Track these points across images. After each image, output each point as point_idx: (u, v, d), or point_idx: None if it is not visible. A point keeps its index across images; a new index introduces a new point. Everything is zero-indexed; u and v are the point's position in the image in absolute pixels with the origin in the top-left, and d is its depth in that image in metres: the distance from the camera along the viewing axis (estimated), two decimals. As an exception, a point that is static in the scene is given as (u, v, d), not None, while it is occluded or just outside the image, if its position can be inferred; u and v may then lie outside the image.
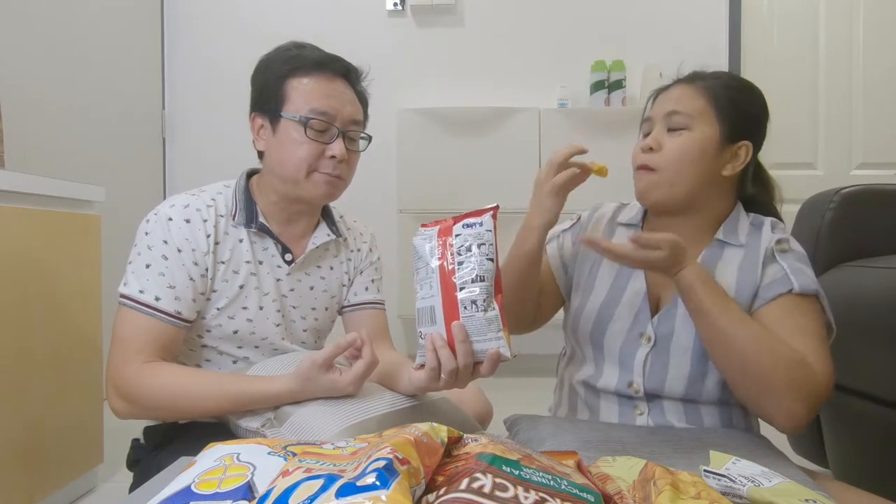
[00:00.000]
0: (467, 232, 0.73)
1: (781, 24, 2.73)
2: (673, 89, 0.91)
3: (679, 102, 0.88)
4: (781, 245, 0.86)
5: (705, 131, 0.86)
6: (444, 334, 0.73)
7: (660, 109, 0.90)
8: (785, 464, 0.73)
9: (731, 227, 0.90)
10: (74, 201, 1.43)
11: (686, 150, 0.85)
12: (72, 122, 2.10)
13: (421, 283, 0.75)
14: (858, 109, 2.72)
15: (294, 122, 0.92)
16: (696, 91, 0.88)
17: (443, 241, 0.74)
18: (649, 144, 0.87)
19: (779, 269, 0.84)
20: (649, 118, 0.91)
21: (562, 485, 0.42)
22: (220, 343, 0.95)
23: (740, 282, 0.85)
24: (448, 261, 0.72)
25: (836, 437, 1.21)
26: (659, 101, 0.92)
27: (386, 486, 0.36)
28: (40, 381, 1.29)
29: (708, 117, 0.87)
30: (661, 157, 0.86)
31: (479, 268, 0.71)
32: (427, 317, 0.74)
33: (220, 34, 2.72)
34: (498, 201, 0.77)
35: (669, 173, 0.86)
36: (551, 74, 2.64)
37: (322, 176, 0.94)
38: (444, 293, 0.72)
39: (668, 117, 0.88)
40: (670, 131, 0.87)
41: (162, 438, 0.93)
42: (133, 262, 0.89)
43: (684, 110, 0.87)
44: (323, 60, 0.95)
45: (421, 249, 0.75)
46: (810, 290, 0.82)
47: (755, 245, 0.88)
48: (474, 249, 0.71)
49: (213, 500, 0.45)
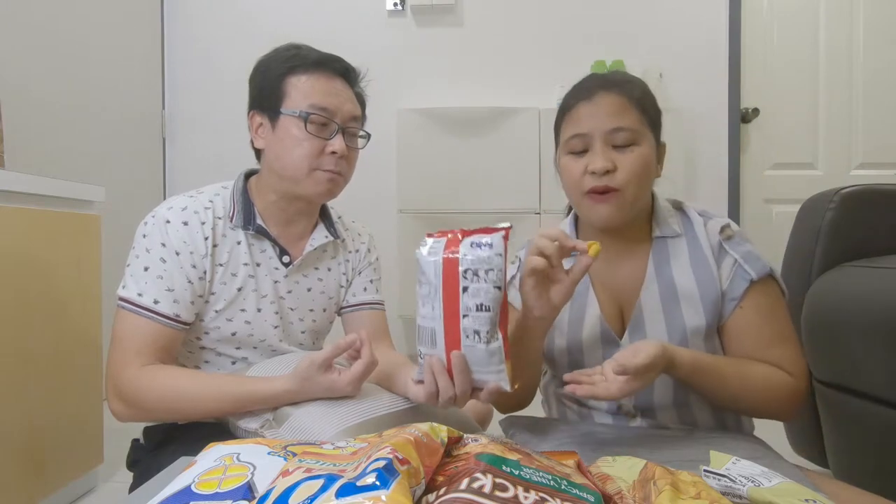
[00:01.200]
0: (475, 254, 0.66)
1: (781, 24, 2.73)
2: (601, 101, 0.83)
3: (620, 117, 0.82)
4: (726, 232, 0.87)
5: (649, 142, 0.84)
6: (443, 360, 0.70)
7: (595, 124, 0.82)
8: (779, 461, 0.73)
9: (662, 220, 0.90)
10: (74, 201, 1.43)
11: (643, 166, 0.82)
12: (72, 122, 2.10)
13: (423, 300, 0.70)
14: (858, 109, 2.72)
15: (294, 118, 0.92)
16: (627, 102, 0.83)
17: (449, 259, 0.67)
18: (605, 167, 0.80)
19: (731, 260, 0.85)
20: (582, 134, 0.83)
21: (562, 485, 0.42)
22: (219, 345, 0.95)
23: (699, 280, 0.85)
24: (453, 284, 0.67)
25: (835, 437, 1.21)
26: (585, 114, 0.84)
27: (386, 486, 0.36)
28: (40, 381, 1.29)
29: (645, 128, 0.84)
30: (621, 176, 0.81)
31: (484, 296, 0.66)
32: (427, 337, 0.70)
33: (220, 34, 2.72)
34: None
35: (631, 192, 0.82)
36: (551, 74, 2.64)
37: (323, 173, 0.94)
38: (447, 318, 0.68)
39: (613, 134, 0.82)
40: (617, 147, 0.82)
41: (162, 438, 0.93)
42: (131, 264, 0.89)
43: (628, 125, 0.82)
44: (322, 59, 0.95)
45: (425, 265, 0.69)
46: (765, 272, 0.84)
47: (693, 234, 0.88)
48: (482, 275, 0.66)
49: (213, 500, 0.45)
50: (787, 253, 1.37)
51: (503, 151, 2.45)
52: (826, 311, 1.18)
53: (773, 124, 2.70)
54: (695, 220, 0.89)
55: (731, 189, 2.66)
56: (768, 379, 0.81)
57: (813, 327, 1.21)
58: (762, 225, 2.69)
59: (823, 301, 1.19)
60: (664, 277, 0.87)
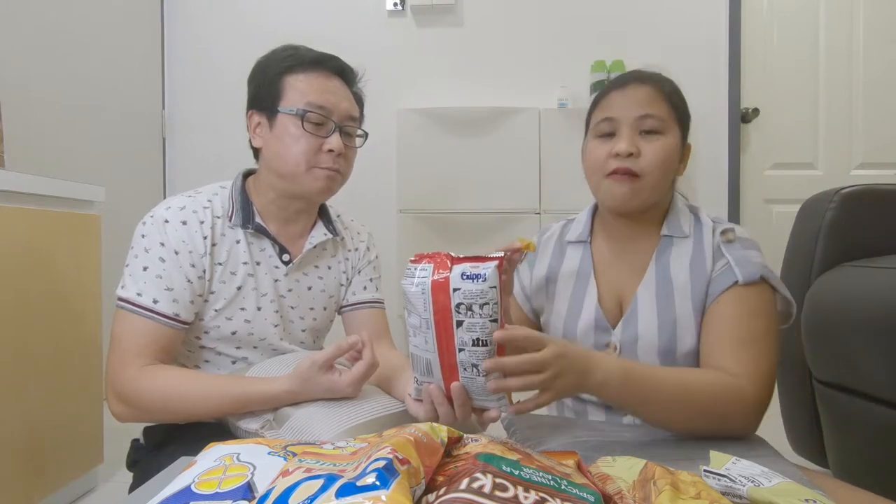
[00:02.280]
0: (467, 288, 0.62)
1: (781, 24, 2.72)
2: (633, 90, 0.86)
3: (650, 105, 0.85)
4: (727, 235, 0.86)
5: (675, 136, 0.86)
6: (442, 388, 0.67)
7: (625, 111, 0.85)
8: (779, 460, 0.73)
9: (674, 221, 0.90)
10: (74, 201, 1.43)
11: (667, 156, 0.84)
12: (72, 122, 2.10)
13: (414, 331, 0.67)
14: (858, 109, 2.72)
15: (291, 116, 0.92)
16: (659, 94, 0.86)
17: (439, 292, 0.63)
18: (628, 149, 0.83)
19: (724, 261, 0.85)
20: (611, 118, 0.86)
21: (562, 485, 0.42)
22: (219, 344, 0.95)
23: (693, 278, 0.85)
24: (445, 317, 0.63)
25: (835, 437, 1.21)
26: (616, 101, 0.87)
27: (386, 486, 0.36)
28: (40, 381, 1.29)
29: (672, 122, 0.86)
30: (644, 162, 0.83)
31: (480, 331, 0.63)
32: (423, 367, 0.68)
33: (220, 34, 2.72)
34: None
35: (652, 179, 0.84)
36: (551, 74, 2.64)
37: (321, 171, 0.94)
38: (441, 351, 0.65)
39: (642, 120, 0.84)
40: (644, 134, 0.84)
41: (162, 438, 0.93)
42: (130, 264, 0.89)
43: (657, 114, 0.84)
44: (319, 59, 0.96)
45: (413, 297, 0.65)
46: (754, 277, 0.82)
47: (700, 237, 0.89)
48: (476, 310, 0.62)
49: (213, 500, 0.45)
50: (787, 253, 1.37)
51: (503, 151, 2.45)
52: (826, 311, 1.18)
53: (773, 124, 2.70)
54: (705, 224, 0.90)
55: (731, 189, 2.66)
56: (712, 384, 0.76)
57: (813, 327, 1.21)
58: (762, 225, 2.69)
59: (823, 301, 1.19)
60: (663, 274, 0.88)
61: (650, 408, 0.77)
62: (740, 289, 0.82)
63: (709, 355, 0.82)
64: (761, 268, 0.83)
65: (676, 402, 0.75)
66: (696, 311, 0.85)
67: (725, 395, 0.76)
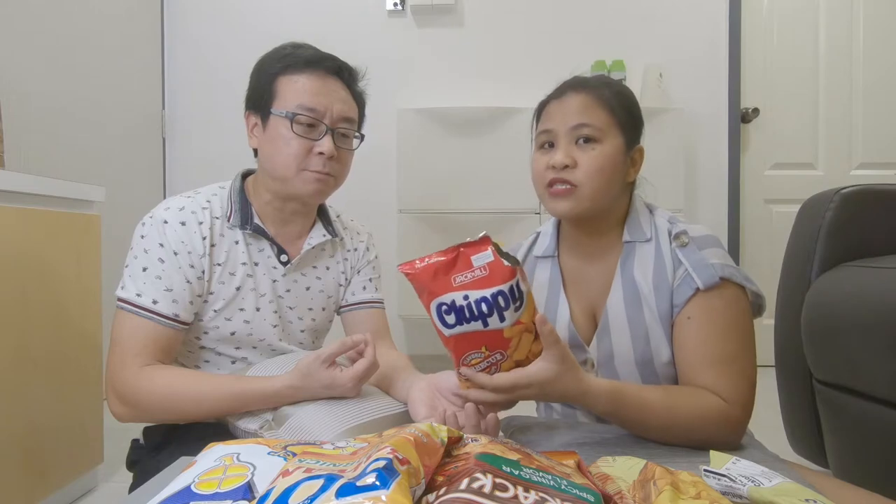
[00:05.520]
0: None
1: (781, 24, 2.73)
2: (569, 99, 0.86)
3: (585, 114, 0.84)
4: (680, 239, 0.84)
5: (613, 143, 0.84)
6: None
7: (561, 121, 0.85)
8: (778, 461, 0.73)
9: (634, 225, 0.89)
10: (74, 201, 1.43)
11: (602, 165, 0.83)
12: (72, 122, 2.10)
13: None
14: (858, 109, 2.72)
15: (282, 118, 0.91)
16: (596, 101, 0.85)
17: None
18: (563, 161, 0.82)
19: (683, 268, 0.83)
20: (549, 130, 0.86)
21: (562, 485, 0.42)
22: (218, 344, 0.95)
23: (656, 289, 0.84)
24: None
25: (835, 437, 1.21)
26: (554, 111, 0.87)
27: (386, 486, 0.36)
28: (40, 381, 1.29)
29: (612, 128, 0.84)
30: (580, 172, 0.83)
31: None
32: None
33: (220, 34, 2.72)
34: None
35: (589, 189, 0.83)
36: (551, 74, 2.61)
37: (311, 174, 0.93)
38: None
39: (576, 130, 0.84)
40: (579, 144, 0.84)
41: (162, 439, 0.93)
42: (129, 265, 0.89)
43: (593, 122, 0.83)
44: (315, 58, 0.94)
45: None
46: (713, 281, 0.79)
47: (659, 242, 0.87)
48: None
49: (213, 500, 0.45)
50: (787, 253, 1.37)
51: (503, 151, 2.45)
52: (826, 311, 1.18)
53: (773, 124, 2.70)
54: (660, 228, 0.88)
55: (731, 189, 2.66)
56: (698, 407, 0.77)
57: (813, 327, 1.21)
58: (762, 225, 2.69)
59: (823, 301, 1.19)
60: (629, 283, 0.86)
61: (636, 428, 0.79)
62: (703, 295, 0.80)
63: (686, 375, 0.81)
64: (721, 268, 0.80)
65: (662, 425, 0.77)
66: (663, 321, 0.83)
67: (711, 417, 0.76)
